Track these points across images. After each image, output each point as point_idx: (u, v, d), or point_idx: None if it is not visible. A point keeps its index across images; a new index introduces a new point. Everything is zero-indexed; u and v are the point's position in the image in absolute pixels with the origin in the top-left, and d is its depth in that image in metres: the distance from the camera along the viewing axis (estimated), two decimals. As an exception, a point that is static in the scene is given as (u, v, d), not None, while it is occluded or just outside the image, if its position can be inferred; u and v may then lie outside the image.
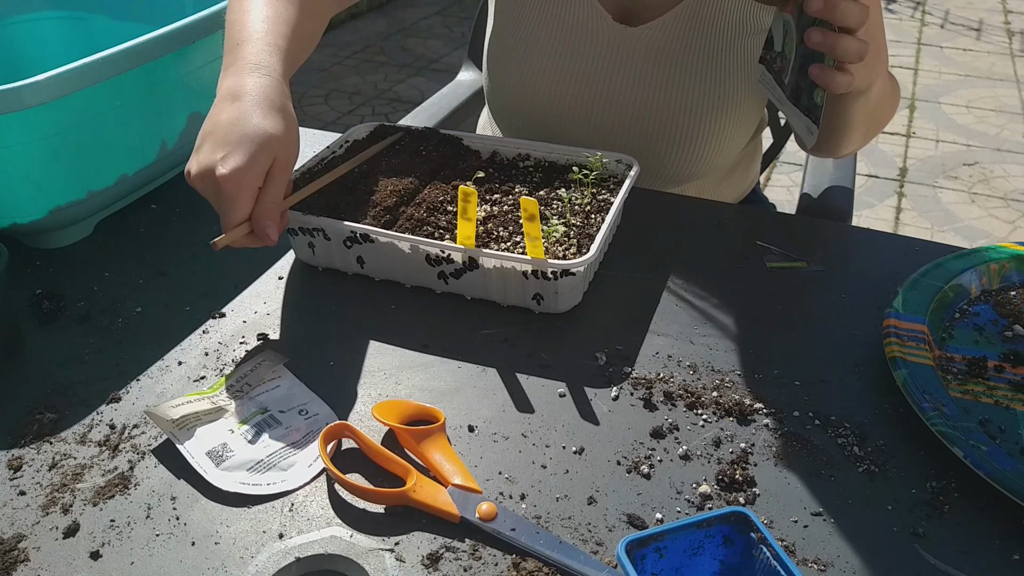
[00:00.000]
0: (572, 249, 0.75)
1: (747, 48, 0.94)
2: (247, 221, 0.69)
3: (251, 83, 0.72)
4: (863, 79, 0.78)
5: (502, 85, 1.04)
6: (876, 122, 0.94)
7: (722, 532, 0.50)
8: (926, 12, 4.44)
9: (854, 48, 0.71)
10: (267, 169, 0.70)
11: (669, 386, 0.69)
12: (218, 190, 0.68)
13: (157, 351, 0.73)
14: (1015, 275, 0.79)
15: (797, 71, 0.77)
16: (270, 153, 0.69)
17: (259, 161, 0.68)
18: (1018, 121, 3.25)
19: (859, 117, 0.88)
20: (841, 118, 0.88)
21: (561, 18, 0.97)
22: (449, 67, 3.69)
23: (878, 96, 0.87)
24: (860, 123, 0.90)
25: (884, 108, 0.93)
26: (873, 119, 0.92)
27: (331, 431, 0.62)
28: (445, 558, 0.55)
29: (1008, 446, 0.62)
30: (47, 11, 1.04)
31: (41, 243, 0.87)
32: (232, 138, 0.69)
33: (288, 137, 0.71)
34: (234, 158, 0.67)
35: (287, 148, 0.71)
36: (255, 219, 0.69)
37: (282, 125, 0.71)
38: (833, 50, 0.71)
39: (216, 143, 0.69)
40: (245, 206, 0.69)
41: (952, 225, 2.60)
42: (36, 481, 0.61)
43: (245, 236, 0.70)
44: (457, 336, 0.74)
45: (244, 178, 0.68)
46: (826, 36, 0.70)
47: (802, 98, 0.77)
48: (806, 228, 0.93)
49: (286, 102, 0.73)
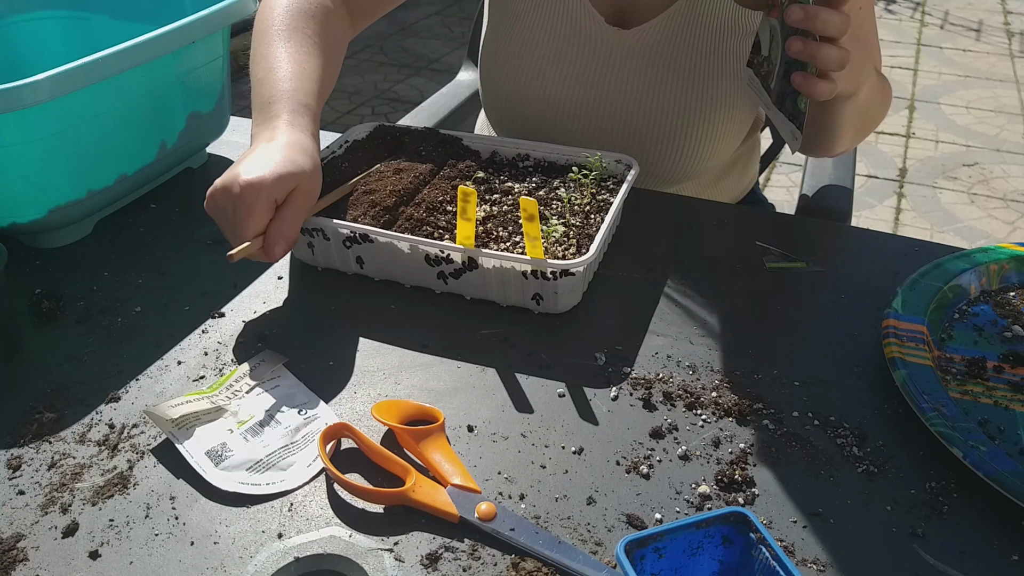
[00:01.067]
0: (571, 249, 0.75)
1: (739, 49, 0.94)
2: (261, 236, 0.71)
3: (283, 134, 0.75)
4: (847, 85, 0.78)
5: (497, 89, 1.04)
6: (866, 123, 0.94)
7: (721, 532, 0.50)
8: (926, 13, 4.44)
9: (835, 57, 0.70)
10: (288, 190, 0.71)
11: (668, 386, 0.69)
12: (237, 199, 0.70)
13: (156, 351, 0.73)
14: (1014, 276, 0.79)
15: (782, 76, 0.77)
16: (294, 179, 0.72)
17: (283, 178, 0.71)
18: (1017, 122, 3.25)
19: (847, 120, 0.88)
20: (829, 120, 0.88)
21: (555, 22, 0.98)
22: (449, 67, 3.69)
23: (867, 99, 0.87)
24: (848, 126, 0.90)
25: (874, 110, 0.93)
26: (862, 120, 0.92)
27: (330, 431, 0.62)
28: (444, 558, 0.55)
29: (1007, 447, 0.62)
30: (47, 11, 1.03)
31: (41, 243, 0.87)
32: (259, 160, 0.72)
33: (313, 174, 0.74)
34: (259, 171, 0.70)
35: (310, 181, 0.74)
36: (269, 233, 0.71)
37: (309, 164, 0.74)
38: (814, 59, 0.70)
39: (243, 164, 0.72)
40: (260, 216, 0.70)
41: (951, 226, 2.60)
42: (35, 480, 0.61)
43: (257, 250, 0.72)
44: (456, 336, 0.74)
45: (265, 188, 0.70)
46: (807, 45, 0.70)
47: (786, 103, 0.77)
48: (805, 228, 0.93)
49: (315, 152, 0.76)
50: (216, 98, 0.98)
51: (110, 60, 0.79)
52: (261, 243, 0.71)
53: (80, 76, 0.77)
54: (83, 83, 0.78)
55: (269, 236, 0.71)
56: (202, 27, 0.88)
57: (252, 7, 0.93)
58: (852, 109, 0.86)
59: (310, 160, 0.74)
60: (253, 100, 0.82)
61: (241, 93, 3.45)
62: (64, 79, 0.75)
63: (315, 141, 0.78)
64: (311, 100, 0.81)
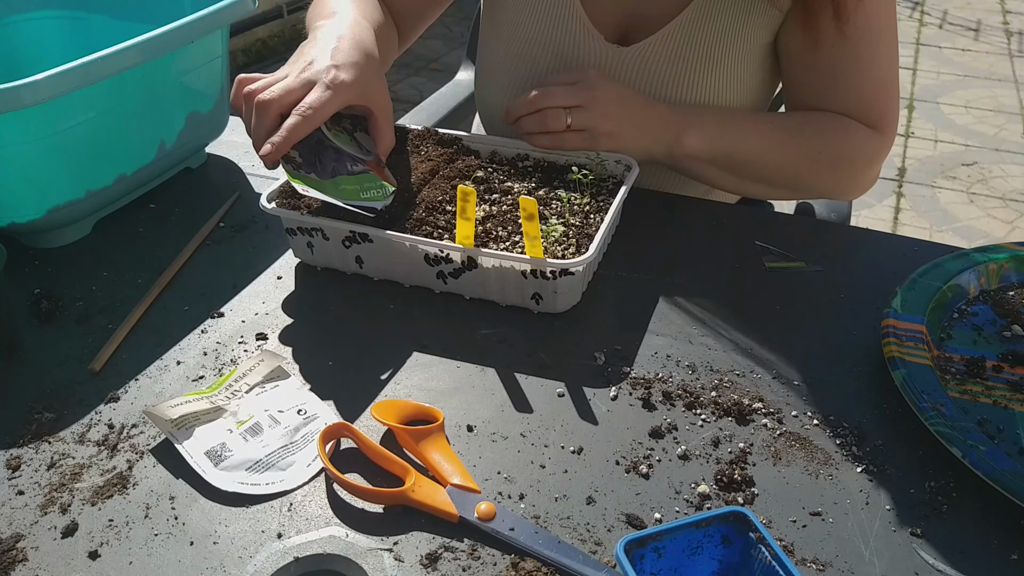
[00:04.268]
0: (571, 249, 0.75)
1: (738, 64, 0.94)
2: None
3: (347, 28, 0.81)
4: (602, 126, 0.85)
5: (491, 101, 1.04)
6: (778, 178, 0.95)
7: (721, 532, 0.50)
8: (924, 12, 4.44)
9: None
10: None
11: (668, 386, 0.69)
12: None
13: (156, 351, 0.73)
14: (1013, 275, 0.79)
15: None
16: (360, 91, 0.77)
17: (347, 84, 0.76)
18: (1016, 121, 3.26)
19: (714, 180, 0.94)
20: (695, 177, 0.94)
21: (553, 37, 0.97)
22: (448, 67, 3.68)
23: (741, 160, 0.91)
24: (728, 183, 0.94)
25: (784, 170, 0.94)
26: (758, 175, 0.94)
27: (330, 431, 0.62)
28: (444, 558, 0.55)
29: (1006, 446, 0.62)
30: (46, 11, 1.03)
31: (40, 243, 0.87)
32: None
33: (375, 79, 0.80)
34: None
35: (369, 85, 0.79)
36: None
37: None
38: None
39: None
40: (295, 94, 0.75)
41: (951, 225, 2.61)
42: (35, 481, 0.61)
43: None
44: (456, 336, 0.74)
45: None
46: None
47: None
48: (804, 228, 0.93)
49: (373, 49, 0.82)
50: (215, 98, 0.98)
51: (109, 60, 0.79)
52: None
53: (79, 76, 0.77)
54: (82, 83, 0.78)
55: None
56: (201, 27, 0.88)
57: (251, 7, 0.93)
58: (710, 170, 0.92)
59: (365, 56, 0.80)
60: (310, 24, 0.88)
61: (240, 93, 3.46)
62: (63, 79, 0.75)
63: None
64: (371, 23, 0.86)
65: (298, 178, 0.75)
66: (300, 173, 0.76)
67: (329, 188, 0.76)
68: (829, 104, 0.93)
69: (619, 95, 0.86)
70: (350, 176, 0.78)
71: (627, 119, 0.86)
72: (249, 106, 0.76)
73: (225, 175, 1.01)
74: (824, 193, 0.99)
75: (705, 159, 0.90)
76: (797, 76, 0.95)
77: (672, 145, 0.89)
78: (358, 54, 0.79)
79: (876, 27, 0.89)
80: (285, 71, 0.78)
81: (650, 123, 0.88)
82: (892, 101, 0.94)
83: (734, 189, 0.97)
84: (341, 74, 0.76)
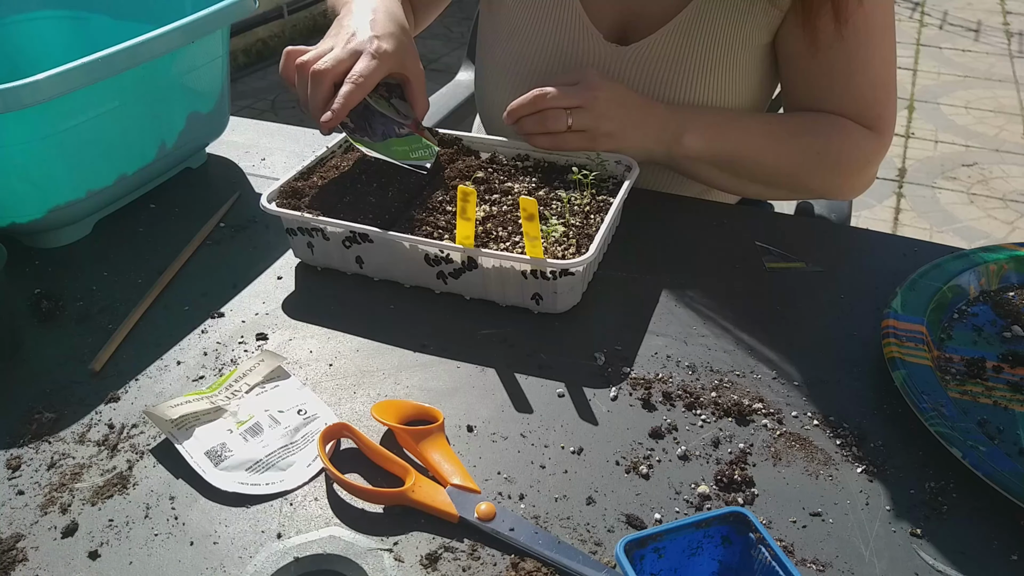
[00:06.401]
0: (571, 249, 0.75)
1: (737, 64, 0.94)
2: None
3: None
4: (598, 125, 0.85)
5: (491, 100, 1.04)
6: (777, 179, 0.95)
7: (721, 532, 0.50)
8: (925, 13, 4.44)
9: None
10: None
11: (668, 386, 0.69)
12: None
13: (156, 351, 0.73)
14: (1013, 276, 0.79)
15: None
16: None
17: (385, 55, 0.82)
18: (1017, 122, 3.26)
19: (713, 180, 0.94)
20: (693, 177, 0.95)
21: (552, 36, 0.97)
22: (448, 67, 3.68)
23: (730, 160, 0.91)
24: (727, 183, 0.95)
25: (780, 169, 0.94)
26: (751, 175, 0.94)
27: (330, 431, 0.62)
28: (444, 558, 0.55)
29: (1006, 447, 0.62)
30: (47, 10, 1.03)
31: (40, 242, 0.87)
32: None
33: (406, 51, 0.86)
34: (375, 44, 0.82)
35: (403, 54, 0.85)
36: None
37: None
38: None
39: None
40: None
41: (951, 226, 2.61)
42: (35, 481, 0.61)
43: None
44: (456, 336, 0.74)
45: None
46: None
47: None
48: (804, 228, 0.93)
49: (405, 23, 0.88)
50: (216, 98, 0.98)
51: (110, 60, 0.79)
52: None
53: (80, 76, 0.77)
54: (83, 83, 0.78)
55: None
56: (202, 27, 0.88)
57: (252, 7, 0.93)
58: (707, 169, 0.92)
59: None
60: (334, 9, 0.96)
61: (241, 93, 3.45)
62: (64, 79, 0.75)
63: None
64: None
65: (357, 141, 0.84)
66: (356, 136, 0.84)
67: (382, 149, 0.84)
68: (827, 105, 0.93)
69: (619, 96, 0.86)
70: (399, 138, 0.85)
71: (627, 120, 0.86)
72: (303, 76, 0.82)
73: (225, 175, 1.01)
74: (822, 193, 0.99)
75: (704, 159, 0.90)
76: (796, 77, 0.95)
77: (671, 145, 0.89)
78: (394, 26, 0.85)
79: (874, 29, 0.89)
80: (329, 43, 0.84)
81: (650, 124, 0.88)
82: (890, 102, 0.94)
83: (733, 189, 0.97)
84: (384, 44, 0.82)
